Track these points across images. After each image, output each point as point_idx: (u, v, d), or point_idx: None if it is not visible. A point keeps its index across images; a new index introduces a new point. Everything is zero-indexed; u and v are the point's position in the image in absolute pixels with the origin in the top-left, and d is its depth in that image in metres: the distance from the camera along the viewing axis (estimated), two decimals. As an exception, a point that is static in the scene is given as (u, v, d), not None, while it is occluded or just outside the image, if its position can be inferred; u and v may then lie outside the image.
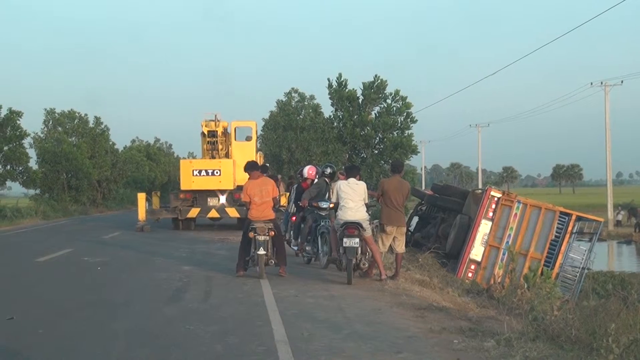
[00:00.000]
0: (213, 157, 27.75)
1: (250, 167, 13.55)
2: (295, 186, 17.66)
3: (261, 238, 12.85)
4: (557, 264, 17.62)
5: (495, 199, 17.91)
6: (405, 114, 49.90)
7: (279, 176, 26.55)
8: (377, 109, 50.98)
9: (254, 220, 13.04)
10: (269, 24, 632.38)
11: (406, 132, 49.75)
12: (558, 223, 18.01)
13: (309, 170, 16.68)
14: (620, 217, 54.99)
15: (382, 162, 49.72)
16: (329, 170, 15.53)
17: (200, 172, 26.25)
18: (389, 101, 50.43)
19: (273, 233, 13.03)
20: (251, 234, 12.96)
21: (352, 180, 13.04)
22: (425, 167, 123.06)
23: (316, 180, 16.22)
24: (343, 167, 18.59)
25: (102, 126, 56.98)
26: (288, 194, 17.68)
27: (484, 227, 17.82)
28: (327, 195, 14.98)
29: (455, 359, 7.36)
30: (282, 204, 17.88)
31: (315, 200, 14.81)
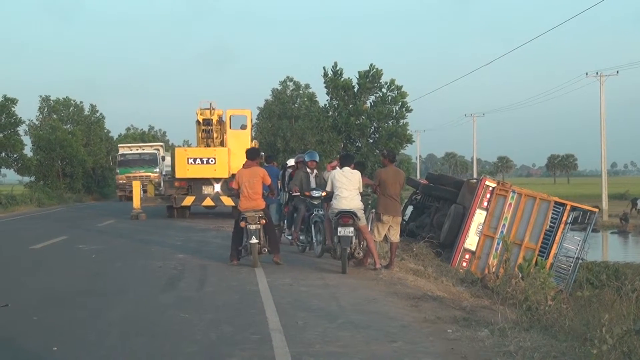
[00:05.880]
0: (208, 146, 27.69)
1: (251, 153, 13.66)
2: (283, 172, 17.76)
3: (252, 227, 12.87)
4: (552, 254, 17.62)
5: (490, 188, 17.89)
6: (400, 103, 49.67)
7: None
8: (372, 98, 50.73)
9: (243, 210, 13.04)
10: (264, 12, 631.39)
11: (401, 121, 49.53)
12: (552, 213, 18.00)
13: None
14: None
15: (377, 151, 49.56)
16: (306, 158, 15.74)
17: (195, 160, 26.18)
18: (384, 90, 50.14)
19: (264, 221, 13.04)
20: (242, 224, 12.98)
21: (346, 169, 13.02)
22: (420, 156, 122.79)
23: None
24: (338, 156, 18.65)
25: (98, 114, 57.00)
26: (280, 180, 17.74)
27: (479, 217, 17.81)
28: (308, 182, 15.13)
29: (449, 349, 7.37)
30: None
31: (307, 189, 14.87)
